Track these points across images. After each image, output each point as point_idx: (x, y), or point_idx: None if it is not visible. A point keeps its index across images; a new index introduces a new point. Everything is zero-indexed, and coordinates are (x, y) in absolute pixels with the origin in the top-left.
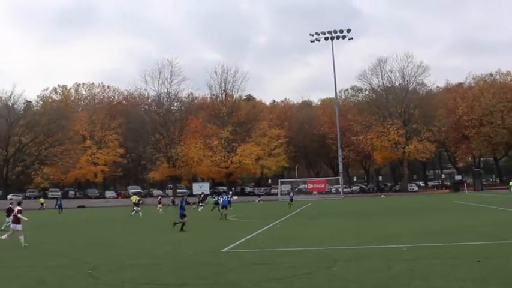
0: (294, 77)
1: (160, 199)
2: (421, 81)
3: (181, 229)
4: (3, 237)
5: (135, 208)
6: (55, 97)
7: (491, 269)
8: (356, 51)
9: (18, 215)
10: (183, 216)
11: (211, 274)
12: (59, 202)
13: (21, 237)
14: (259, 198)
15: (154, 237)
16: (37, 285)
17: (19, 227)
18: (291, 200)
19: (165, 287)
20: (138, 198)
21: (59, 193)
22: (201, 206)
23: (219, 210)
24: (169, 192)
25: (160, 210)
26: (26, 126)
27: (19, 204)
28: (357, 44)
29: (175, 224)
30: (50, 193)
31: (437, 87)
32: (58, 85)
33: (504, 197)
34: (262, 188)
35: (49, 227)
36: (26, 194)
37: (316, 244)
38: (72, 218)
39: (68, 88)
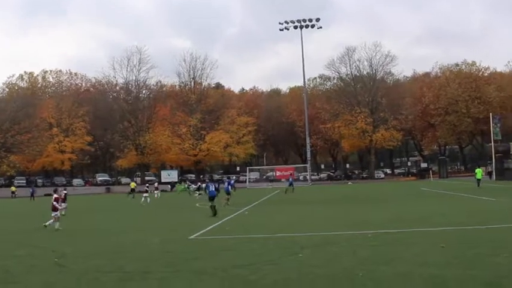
0: (263, 66)
1: (157, 185)
2: (388, 71)
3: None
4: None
5: (144, 195)
6: (21, 84)
7: (454, 253)
8: (325, 40)
9: (54, 203)
10: (212, 199)
11: (177, 261)
12: (31, 190)
13: (56, 223)
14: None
15: (122, 225)
16: (1, 275)
17: (54, 213)
18: (291, 184)
19: (129, 275)
20: (135, 185)
21: (31, 181)
22: (199, 193)
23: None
24: (137, 180)
25: (157, 195)
26: None
27: (55, 192)
28: (326, 33)
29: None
30: (16, 181)
31: (404, 76)
32: (25, 72)
33: (468, 184)
34: (231, 176)
35: (19, 215)
36: None
37: (283, 231)
38: (41, 206)
39: (35, 75)
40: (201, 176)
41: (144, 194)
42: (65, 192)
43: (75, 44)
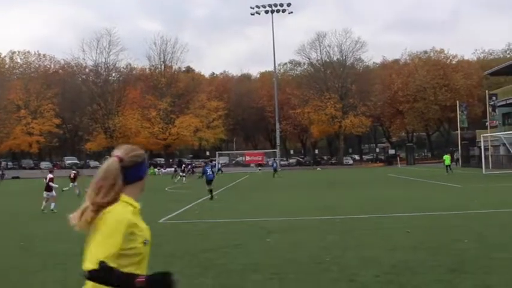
0: (233, 50)
1: (184, 167)
2: (358, 57)
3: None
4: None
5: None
6: None
7: (420, 238)
8: (296, 26)
9: (50, 183)
10: (209, 182)
11: None
12: (1, 172)
13: (53, 204)
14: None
15: None
16: None
17: (50, 194)
18: (275, 170)
19: None
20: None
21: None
22: (183, 175)
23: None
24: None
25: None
26: None
27: (51, 172)
28: (297, 18)
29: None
30: None
31: (374, 63)
32: None
33: (435, 171)
34: (201, 160)
35: None
36: None
37: (252, 215)
38: (8, 189)
39: (2, 56)
40: (178, 160)
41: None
42: (75, 172)
43: (43, 24)
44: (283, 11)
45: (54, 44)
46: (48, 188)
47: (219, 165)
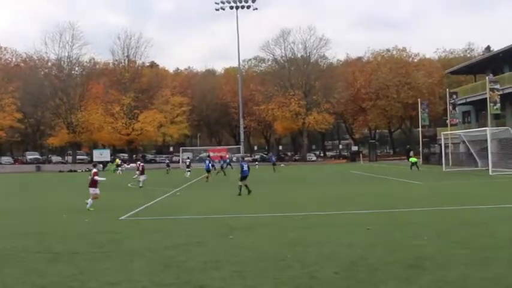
0: (198, 46)
1: (189, 163)
2: (322, 54)
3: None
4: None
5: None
6: None
7: (379, 235)
8: (261, 22)
9: (95, 178)
10: (244, 178)
11: (107, 242)
12: None
13: (90, 200)
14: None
15: (51, 205)
16: None
17: (94, 190)
18: (274, 164)
19: (57, 256)
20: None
21: None
22: (188, 171)
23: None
24: (69, 158)
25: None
26: None
27: (95, 166)
28: (262, 15)
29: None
30: None
31: (337, 60)
32: None
33: (396, 167)
34: (164, 156)
35: None
36: None
37: (214, 212)
38: None
39: None
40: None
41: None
42: (142, 164)
43: (5, 16)
44: (248, 7)
45: (15, 37)
46: (93, 184)
47: (228, 160)
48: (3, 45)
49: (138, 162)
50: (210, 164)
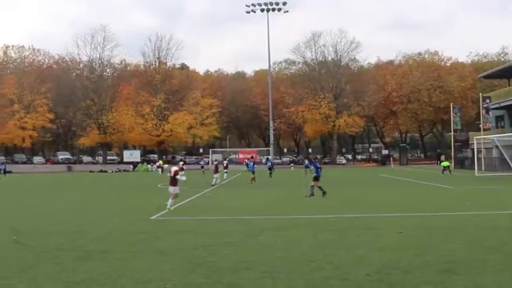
0: (228, 48)
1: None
2: (353, 57)
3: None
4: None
5: (156, 168)
6: None
7: (411, 239)
8: (291, 24)
9: (177, 176)
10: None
11: (137, 241)
12: (3, 166)
13: (170, 201)
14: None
15: (83, 204)
16: None
17: (175, 189)
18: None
19: (89, 254)
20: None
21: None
22: (225, 172)
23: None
24: (100, 159)
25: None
26: None
27: (175, 164)
28: (293, 17)
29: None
30: None
31: (368, 63)
32: None
33: (428, 171)
34: (194, 157)
35: None
36: None
37: (245, 213)
38: (14, 183)
39: None
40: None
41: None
42: (226, 161)
43: (38, 19)
44: (279, 9)
45: (48, 39)
46: (174, 182)
47: (270, 162)
48: (36, 47)
49: (181, 163)
50: (254, 166)
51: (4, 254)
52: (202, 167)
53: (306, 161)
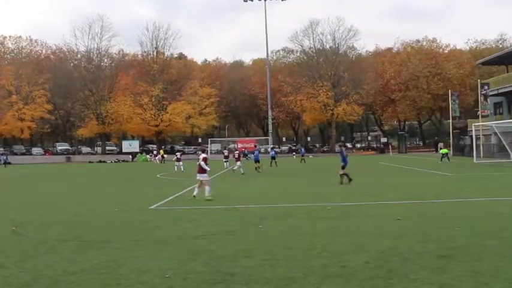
0: (226, 37)
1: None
2: (351, 45)
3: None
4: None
5: (176, 163)
6: None
7: (409, 226)
8: (289, 13)
9: (202, 164)
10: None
11: (137, 230)
12: (4, 157)
13: (207, 188)
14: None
15: (81, 194)
16: None
17: (204, 176)
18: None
19: (88, 244)
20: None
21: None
22: (225, 161)
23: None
24: (98, 149)
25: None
26: None
27: (203, 152)
28: (290, 5)
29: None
30: None
31: (366, 51)
32: None
33: (426, 159)
34: (192, 147)
35: None
36: None
37: (244, 202)
38: (16, 173)
39: None
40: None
41: (179, 163)
42: (237, 151)
43: (35, 9)
44: None
45: (45, 29)
46: (203, 170)
47: (274, 152)
48: (34, 38)
49: (178, 154)
50: (259, 154)
51: (3, 244)
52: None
53: (303, 150)
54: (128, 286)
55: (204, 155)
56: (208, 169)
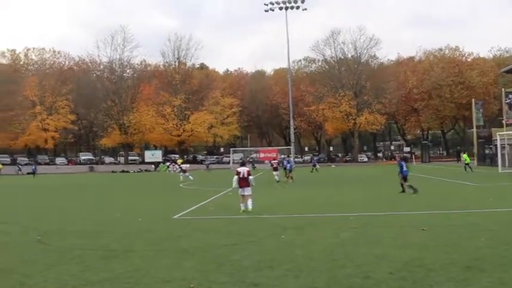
0: (247, 47)
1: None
2: (373, 54)
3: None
4: None
5: (181, 174)
6: (3, 61)
7: (434, 236)
8: (310, 22)
9: (250, 178)
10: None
11: (160, 240)
12: (33, 167)
13: (249, 201)
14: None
15: (104, 204)
16: None
17: (248, 190)
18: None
19: (113, 253)
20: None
21: (14, 159)
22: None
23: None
24: (121, 159)
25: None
26: None
27: (243, 164)
28: (311, 15)
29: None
30: None
31: (388, 60)
32: (7, 49)
33: (450, 169)
34: (215, 157)
35: (4, 192)
36: None
37: (266, 212)
38: (25, 184)
39: (17, 52)
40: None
41: (185, 174)
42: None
43: (58, 21)
44: (297, 7)
45: (68, 41)
46: (246, 183)
47: (292, 163)
48: (57, 49)
49: (183, 165)
50: (291, 165)
51: (28, 253)
52: (207, 167)
53: (315, 159)
54: None
55: (247, 168)
56: (253, 184)
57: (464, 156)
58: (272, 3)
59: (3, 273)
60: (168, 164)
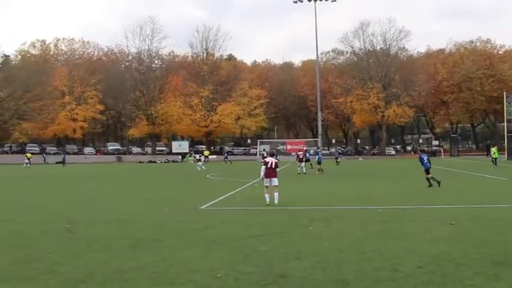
0: (276, 38)
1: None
2: (402, 46)
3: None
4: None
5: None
6: (33, 52)
7: (463, 231)
8: (339, 13)
9: (277, 169)
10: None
11: (187, 230)
12: (62, 156)
13: (276, 194)
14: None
15: (133, 194)
16: (11, 239)
17: (275, 181)
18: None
19: (140, 242)
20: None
21: (43, 148)
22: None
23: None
24: (149, 150)
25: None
26: (4, 80)
27: (272, 155)
28: (340, 6)
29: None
30: (28, 148)
31: (418, 52)
32: (37, 40)
33: (480, 163)
34: (241, 148)
35: (33, 181)
36: (4, 149)
37: (294, 204)
38: (54, 173)
39: (47, 43)
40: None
41: (199, 163)
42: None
43: (88, 11)
44: None
45: (98, 32)
46: (274, 174)
47: (321, 155)
48: (86, 40)
49: (197, 155)
50: (320, 156)
51: (58, 242)
52: (226, 158)
53: (338, 152)
54: (180, 285)
55: (275, 160)
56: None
57: (493, 149)
58: None
59: (34, 260)
60: (193, 154)
